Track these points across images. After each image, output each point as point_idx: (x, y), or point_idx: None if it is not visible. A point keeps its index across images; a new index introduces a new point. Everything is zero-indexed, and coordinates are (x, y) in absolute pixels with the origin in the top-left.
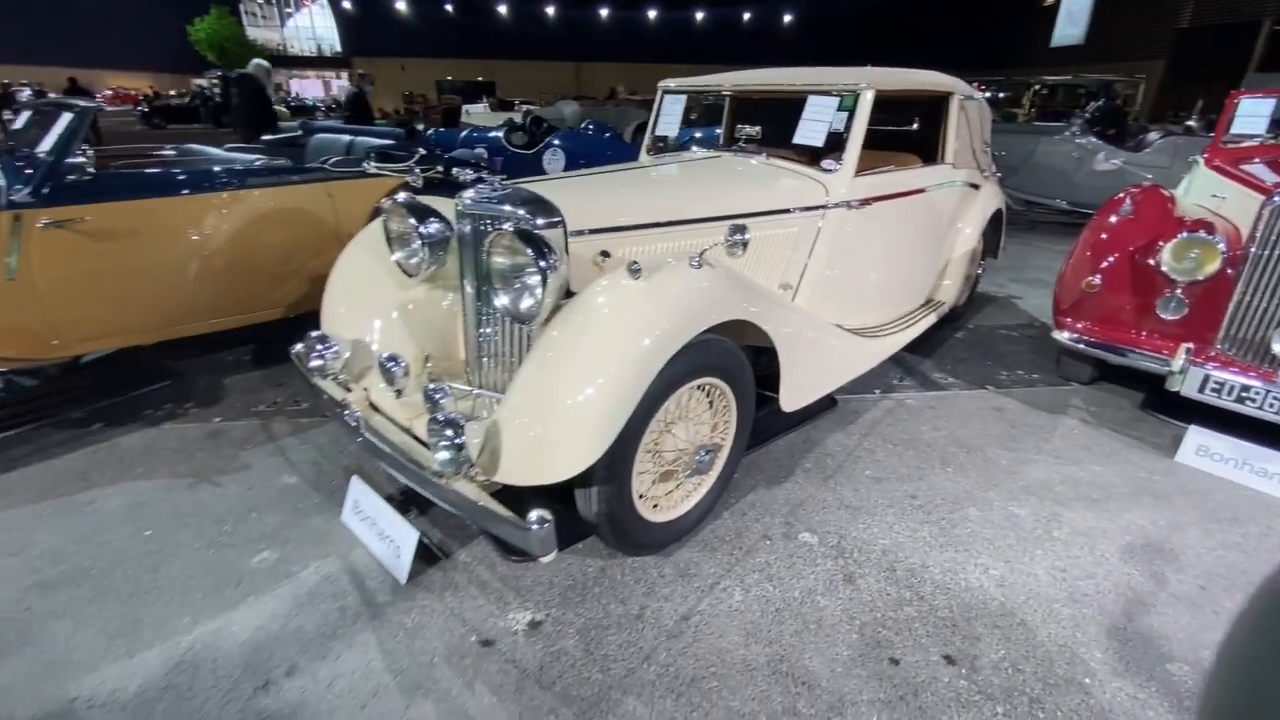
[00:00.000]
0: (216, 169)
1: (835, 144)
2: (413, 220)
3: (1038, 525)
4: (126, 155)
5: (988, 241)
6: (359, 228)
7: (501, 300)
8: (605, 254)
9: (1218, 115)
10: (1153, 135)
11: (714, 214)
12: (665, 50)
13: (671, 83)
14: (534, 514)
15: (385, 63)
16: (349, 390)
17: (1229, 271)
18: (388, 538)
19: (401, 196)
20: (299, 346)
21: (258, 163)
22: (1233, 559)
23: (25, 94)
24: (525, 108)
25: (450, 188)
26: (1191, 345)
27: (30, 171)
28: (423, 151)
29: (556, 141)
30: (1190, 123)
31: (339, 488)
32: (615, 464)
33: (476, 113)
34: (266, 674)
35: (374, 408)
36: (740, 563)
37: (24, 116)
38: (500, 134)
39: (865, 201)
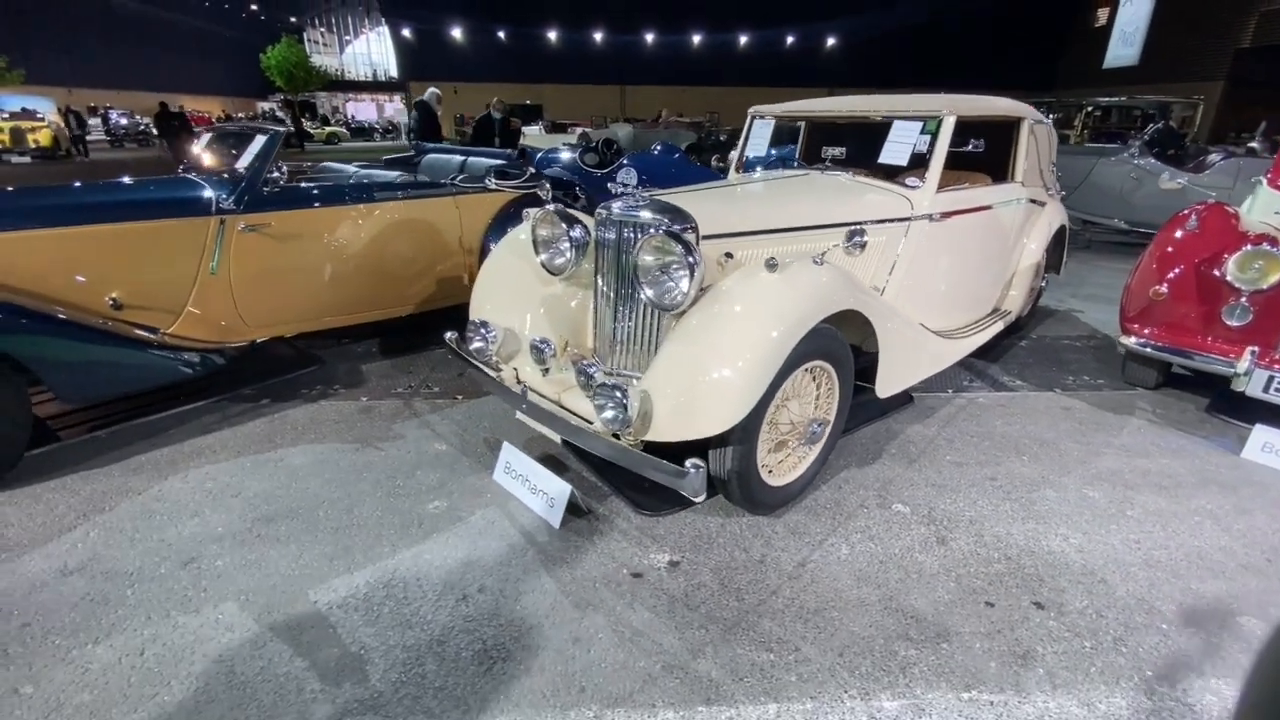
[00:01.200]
0: (371, 183)
1: (913, 163)
2: (564, 226)
3: (1111, 505)
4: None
5: (1051, 257)
6: (480, 235)
7: (648, 293)
8: (729, 255)
9: (1271, 135)
10: (1214, 156)
11: (819, 222)
12: (709, 73)
13: (762, 109)
14: (690, 461)
15: (439, 86)
16: (499, 370)
17: None
18: (540, 491)
19: (551, 207)
20: (451, 334)
21: (399, 178)
22: None
23: (113, 116)
24: (579, 130)
25: (565, 201)
26: (1256, 349)
27: (234, 183)
28: (533, 170)
29: (626, 161)
30: (1253, 144)
31: (483, 453)
32: (748, 428)
33: (532, 134)
34: (463, 589)
35: (520, 383)
36: (842, 525)
37: (205, 138)
38: (575, 155)
39: (945, 215)
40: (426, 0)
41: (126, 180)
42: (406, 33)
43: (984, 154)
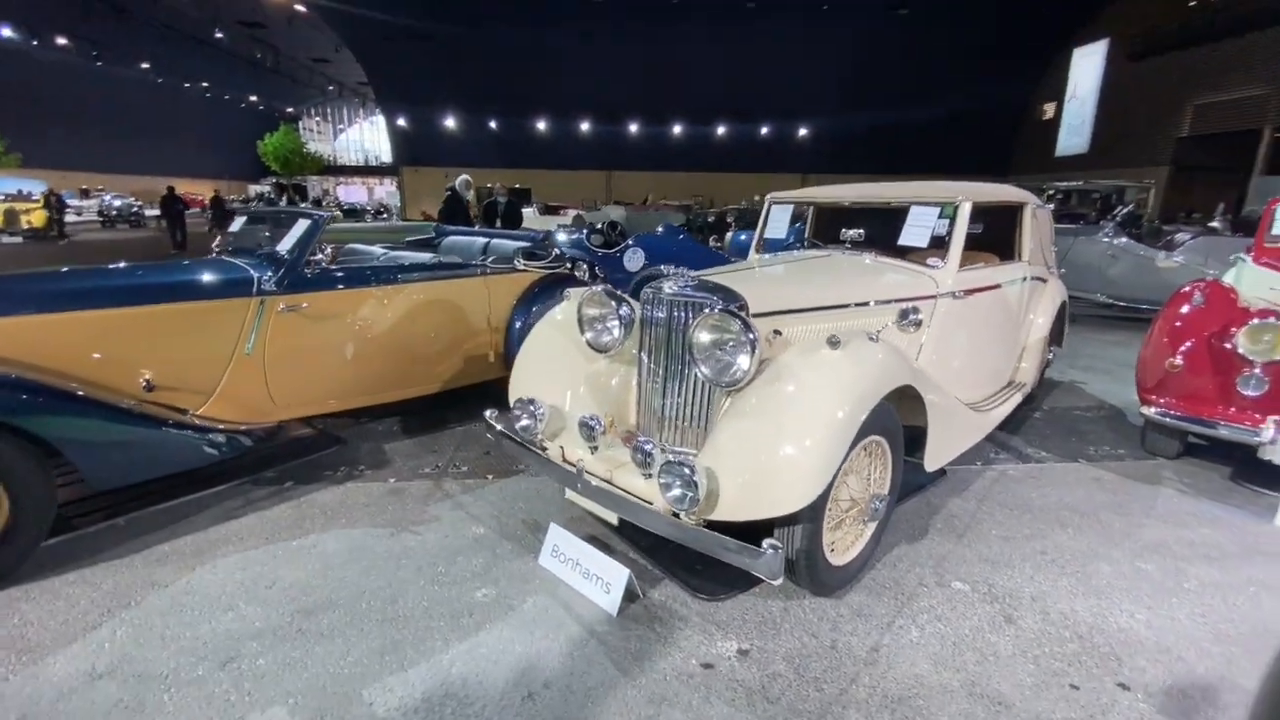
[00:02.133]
0: (407, 264)
1: (926, 244)
2: (613, 305)
3: (1166, 578)
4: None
5: (1053, 331)
6: (507, 314)
7: (705, 370)
8: (777, 332)
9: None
10: (1183, 235)
11: (860, 300)
12: (690, 159)
13: (780, 195)
14: (767, 542)
15: (431, 171)
16: (544, 449)
17: None
18: (595, 576)
19: (600, 287)
20: (491, 411)
21: (431, 259)
22: None
23: (106, 198)
24: (574, 212)
25: (573, 281)
26: (1278, 418)
27: (276, 265)
28: (558, 251)
29: (632, 242)
30: (1213, 224)
31: (524, 536)
32: (815, 506)
33: (526, 215)
34: (527, 686)
35: (569, 462)
36: (906, 605)
37: (239, 222)
38: (579, 235)
39: (967, 293)
40: (421, 92)
41: (167, 262)
42: (401, 121)
43: (990, 235)
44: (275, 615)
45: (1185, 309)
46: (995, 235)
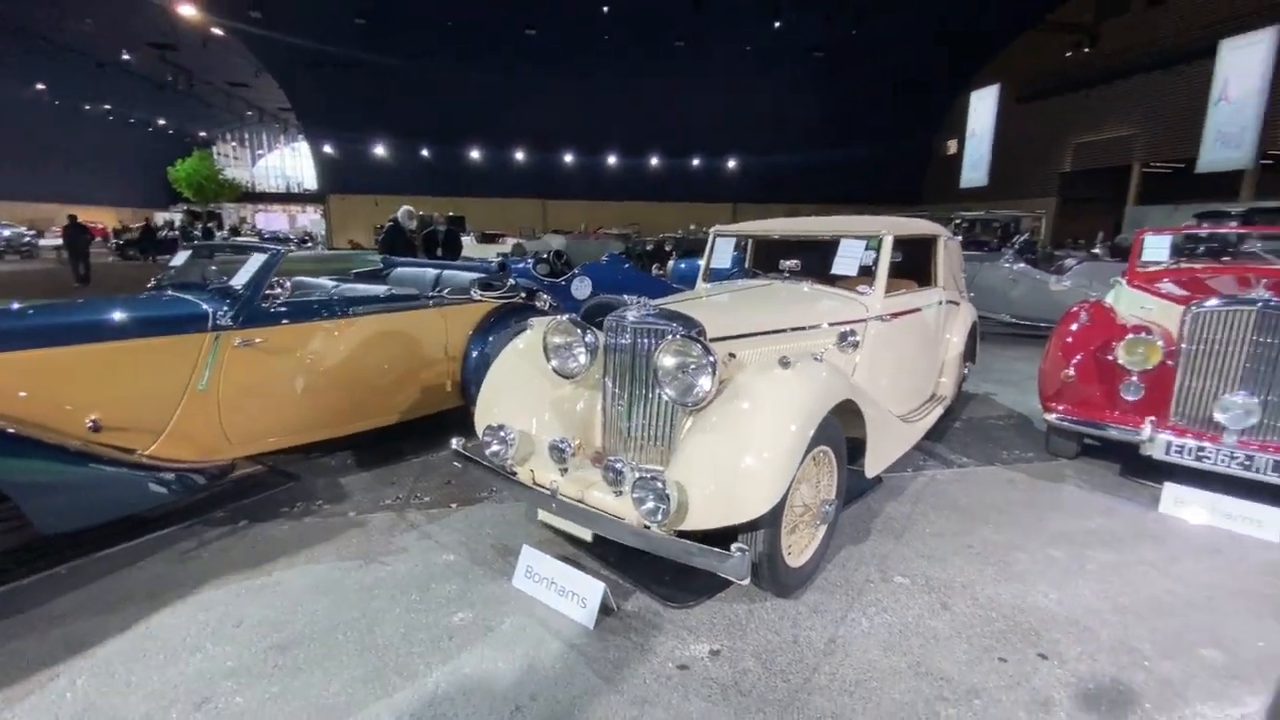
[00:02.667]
0: (365, 296)
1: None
2: (579, 333)
3: (1072, 562)
4: None
5: (968, 348)
6: (463, 344)
7: (669, 392)
8: (732, 355)
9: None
10: (1070, 261)
11: (801, 324)
12: (625, 189)
13: (724, 228)
14: (735, 545)
15: (359, 199)
16: (514, 473)
17: (1169, 363)
18: (570, 592)
19: (566, 316)
20: (457, 439)
21: (387, 292)
22: (1222, 577)
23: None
24: (513, 241)
25: (528, 310)
26: (1154, 418)
27: (232, 299)
28: (513, 281)
29: (578, 272)
30: (1095, 250)
31: (494, 560)
32: (775, 511)
33: (465, 244)
34: (514, 701)
35: (537, 485)
36: (857, 600)
37: (182, 255)
38: (527, 265)
39: (893, 316)
40: (348, 119)
41: (117, 299)
42: (327, 148)
43: (909, 264)
44: (247, 653)
45: (1074, 326)
46: (914, 264)
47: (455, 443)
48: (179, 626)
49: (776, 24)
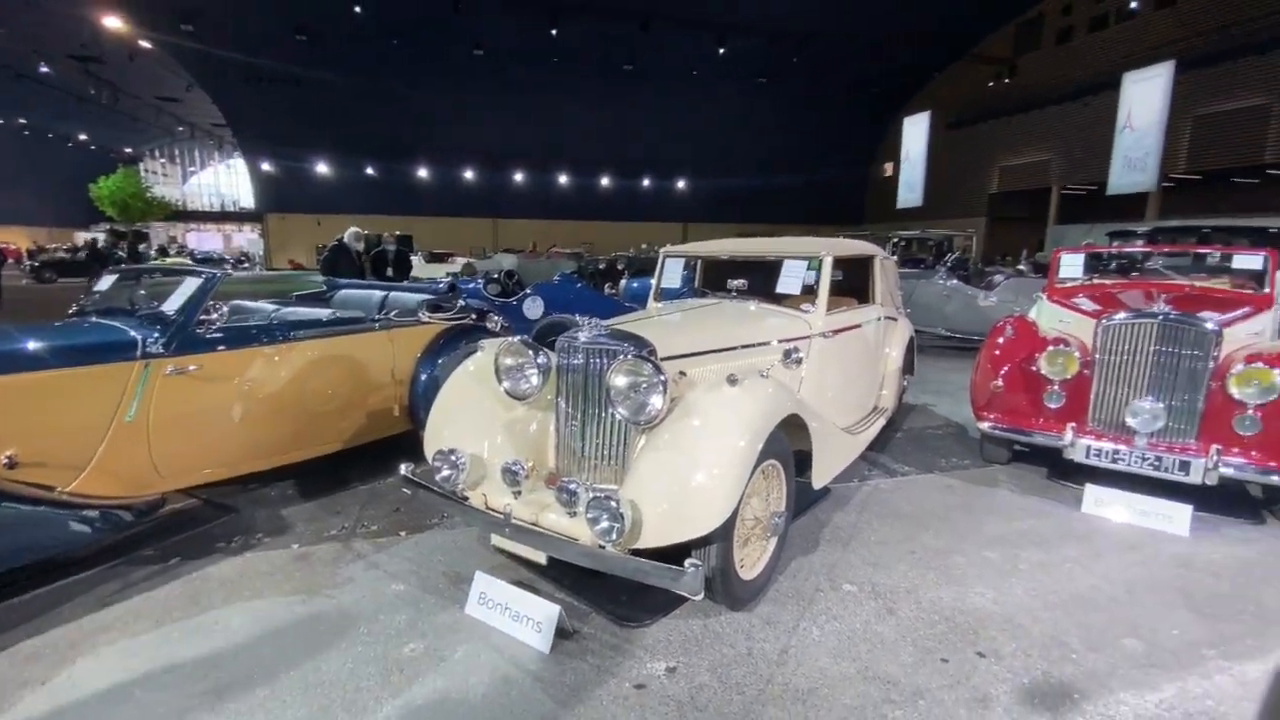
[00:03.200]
0: (309, 320)
1: (802, 291)
2: (531, 354)
3: (1006, 563)
4: None
5: (906, 361)
6: (411, 367)
7: (622, 411)
8: (683, 373)
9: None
10: (998, 278)
11: (748, 342)
12: (577, 208)
13: (673, 249)
14: (688, 561)
15: (299, 218)
16: (465, 499)
17: (1085, 372)
18: (525, 617)
19: (517, 338)
20: (406, 465)
21: (331, 315)
22: (1139, 571)
23: None
24: (464, 261)
25: (479, 331)
26: (1074, 424)
27: (164, 325)
28: (463, 303)
29: (529, 291)
30: (1021, 267)
31: (446, 588)
32: (726, 526)
33: (413, 264)
34: None
35: (491, 509)
36: (807, 610)
37: (107, 280)
38: (478, 285)
39: (835, 332)
40: (288, 136)
41: (34, 326)
42: (266, 166)
43: (848, 282)
44: (182, 699)
45: (1001, 340)
46: (853, 282)
47: (404, 468)
48: (104, 675)
49: (721, 50)
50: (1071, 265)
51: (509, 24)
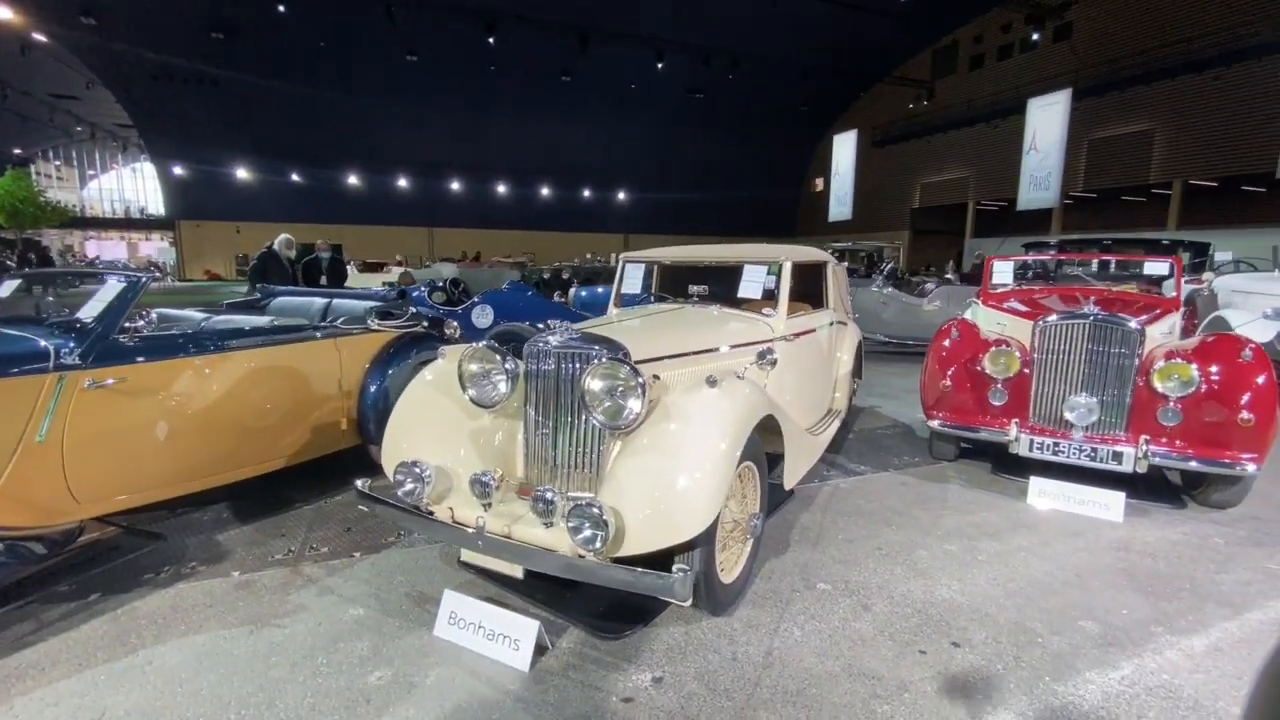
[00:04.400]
0: (244, 328)
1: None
2: (499, 360)
3: (965, 554)
4: None
5: (856, 365)
6: (359, 377)
7: (599, 416)
8: (656, 377)
9: (961, 270)
10: (930, 285)
11: (714, 345)
12: (516, 218)
13: (633, 255)
14: (676, 565)
15: (216, 225)
16: (430, 513)
17: (1026, 371)
18: (500, 635)
19: (482, 342)
20: (362, 480)
21: (271, 323)
22: (1085, 556)
23: None
24: (401, 269)
25: (431, 339)
26: (1018, 420)
27: (80, 334)
28: (413, 310)
29: (478, 300)
30: (948, 275)
31: (410, 610)
32: (710, 529)
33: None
34: None
35: (459, 523)
36: (786, 610)
37: (7, 286)
38: (422, 293)
39: (795, 335)
40: (203, 139)
41: None
42: (178, 170)
43: (802, 288)
44: None
45: (946, 343)
46: (806, 288)
47: (360, 484)
48: None
49: (659, 64)
50: (1003, 271)
51: (443, 31)
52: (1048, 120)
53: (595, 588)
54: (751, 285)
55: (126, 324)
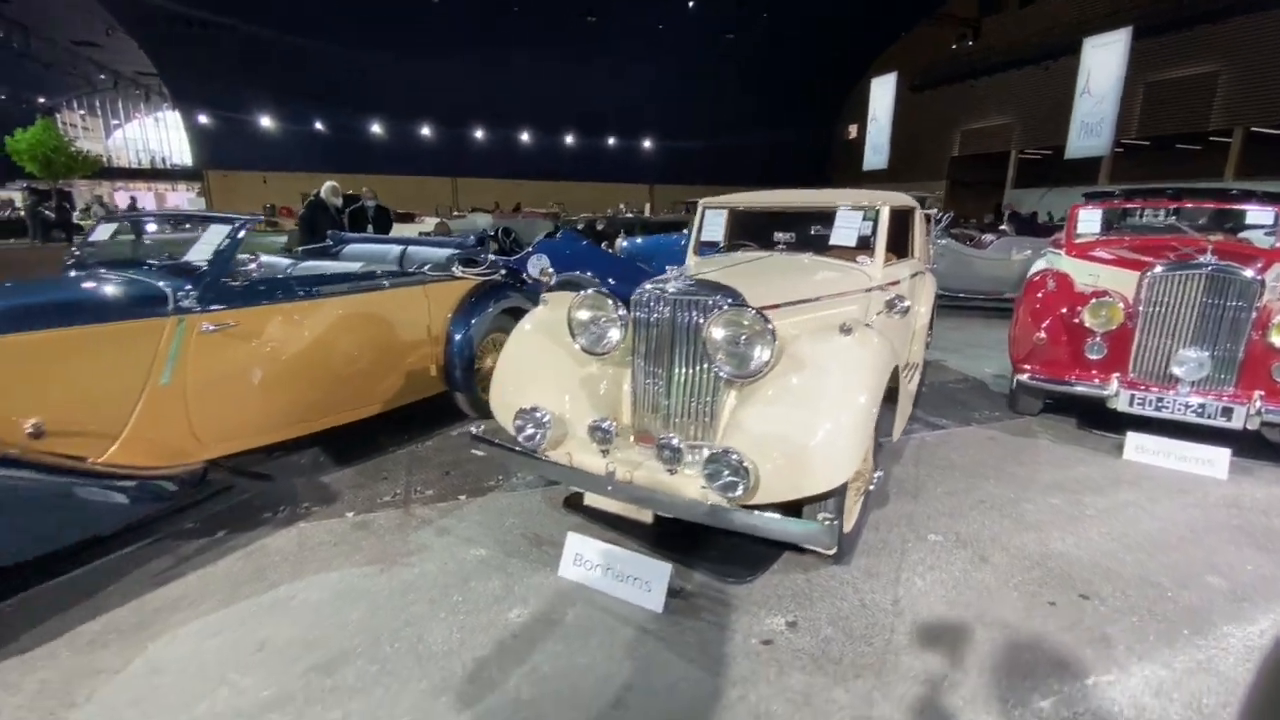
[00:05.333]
0: (344, 274)
1: (816, 244)
2: (613, 307)
3: (1074, 509)
4: None
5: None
6: (445, 324)
7: (727, 365)
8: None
9: (998, 219)
10: (988, 237)
11: (818, 294)
12: (540, 168)
13: (712, 200)
14: (821, 515)
15: (244, 175)
16: (544, 458)
17: (1128, 324)
18: (630, 577)
19: (592, 290)
20: (477, 426)
21: (363, 268)
22: (1196, 513)
23: None
24: (435, 221)
25: (508, 288)
26: (1119, 374)
27: (194, 277)
28: (492, 258)
29: (533, 249)
30: (1003, 228)
31: (529, 551)
32: (846, 481)
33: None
34: (613, 696)
35: (582, 468)
36: (903, 561)
37: (104, 229)
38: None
39: (888, 285)
40: (227, 87)
41: (44, 281)
42: (203, 119)
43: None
44: (284, 679)
45: (1040, 294)
46: (894, 236)
47: (474, 429)
48: (187, 657)
49: (690, 3)
50: (1089, 220)
51: None
52: (1104, 61)
53: (713, 534)
54: (845, 232)
55: (239, 268)
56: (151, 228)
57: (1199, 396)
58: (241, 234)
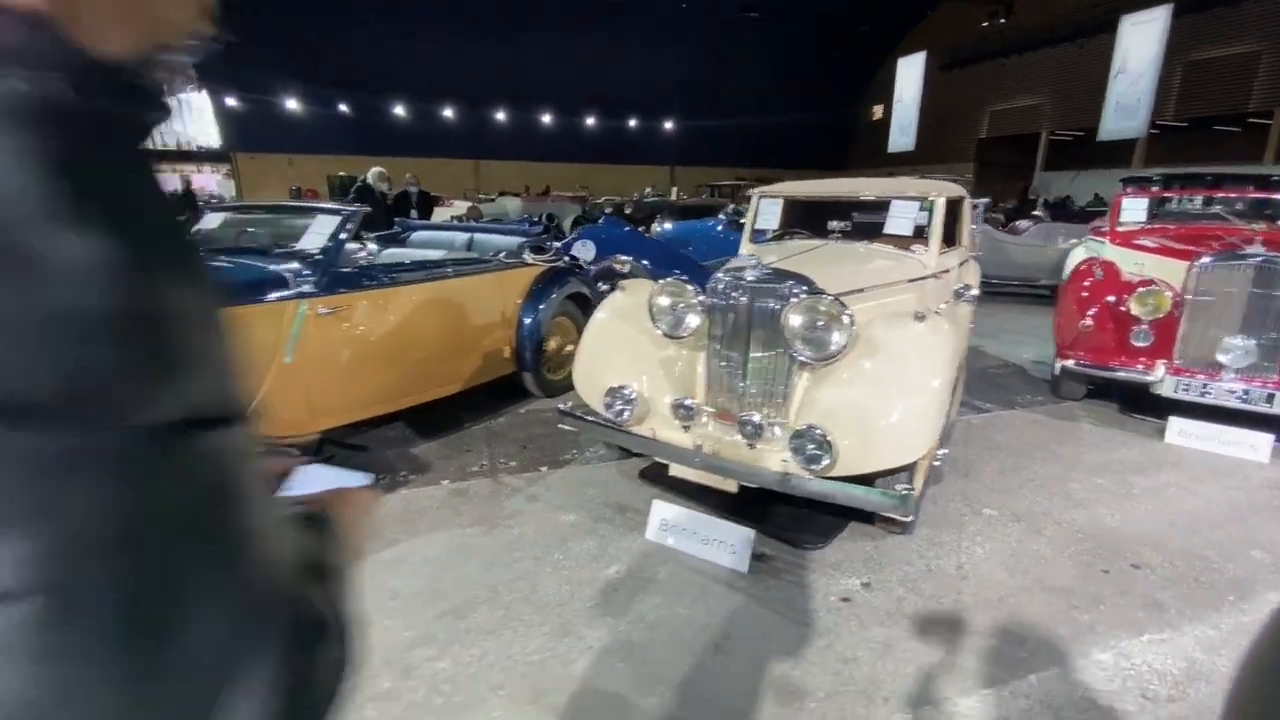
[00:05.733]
0: (436, 261)
1: (868, 233)
2: (693, 293)
3: (1120, 488)
4: None
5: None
6: (516, 307)
7: (806, 350)
8: None
9: (1047, 205)
10: (1023, 223)
11: (883, 281)
12: (561, 150)
13: (768, 190)
14: (900, 486)
15: (270, 158)
16: (631, 432)
17: (1175, 312)
18: (715, 541)
19: (673, 277)
20: (564, 403)
21: (447, 254)
22: (1240, 494)
23: None
24: (467, 205)
25: (570, 274)
26: (1166, 361)
27: (311, 263)
28: (557, 245)
29: (578, 235)
30: (1037, 213)
31: (613, 517)
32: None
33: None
34: (710, 640)
35: (668, 441)
36: (963, 532)
37: (214, 218)
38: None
39: (941, 274)
40: (253, 69)
41: None
42: (231, 101)
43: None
44: (422, 623)
45: (1087, 282)
46: (944, 225)
47: (562, 405)
48: None
49: None
50: (1134, 209)
51: None
52: (1142, 39)
53: (783, 504)
54: (901, 221)
55: (358, 254)
56: (253, 217)
57: (1243, 383)
58: (350, 225)
